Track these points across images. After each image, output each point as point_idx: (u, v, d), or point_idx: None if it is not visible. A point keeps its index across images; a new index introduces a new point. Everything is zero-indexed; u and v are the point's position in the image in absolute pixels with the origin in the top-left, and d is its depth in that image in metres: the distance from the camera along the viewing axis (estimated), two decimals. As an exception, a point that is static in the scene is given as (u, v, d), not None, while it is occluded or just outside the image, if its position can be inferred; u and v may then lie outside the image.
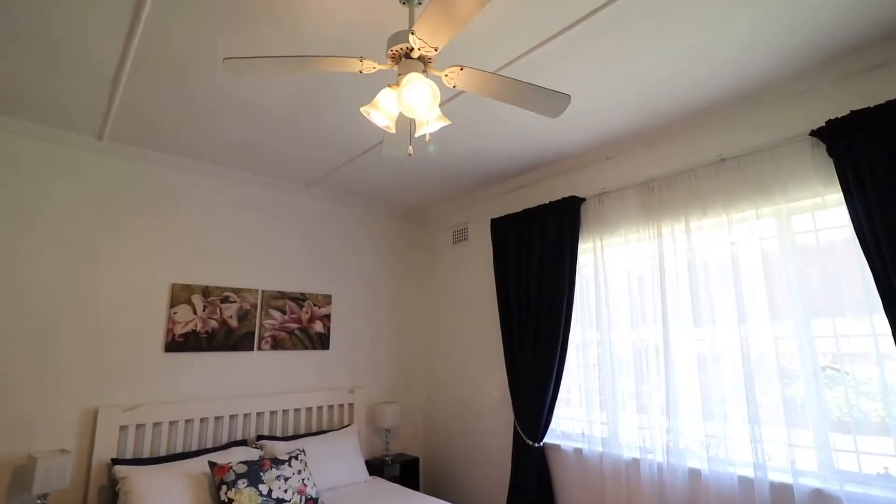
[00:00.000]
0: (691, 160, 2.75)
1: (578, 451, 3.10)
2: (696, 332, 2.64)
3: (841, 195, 2.21)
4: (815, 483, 2.18)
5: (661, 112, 2.66)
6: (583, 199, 3.26)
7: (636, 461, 2.79)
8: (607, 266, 3.12)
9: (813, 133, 2.26)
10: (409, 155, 1.63)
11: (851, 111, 2.12)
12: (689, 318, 2.67)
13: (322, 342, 3.81)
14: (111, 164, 3.03)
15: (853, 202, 2.11)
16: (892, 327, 1.98)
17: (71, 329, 2.79)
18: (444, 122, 1.61)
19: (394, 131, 1.62)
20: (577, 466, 3.10)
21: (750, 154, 2.54)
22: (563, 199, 3.26)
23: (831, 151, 2.20)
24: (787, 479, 2.26)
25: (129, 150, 3.04)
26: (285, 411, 3.48)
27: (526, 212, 3.50)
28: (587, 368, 3.15)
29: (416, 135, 1.62)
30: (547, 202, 3.38)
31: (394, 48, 1.52)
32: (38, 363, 2.67)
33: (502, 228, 3.67)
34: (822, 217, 2.33)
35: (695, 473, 2.55)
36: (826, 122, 2.20)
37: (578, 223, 3.24)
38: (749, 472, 2.36)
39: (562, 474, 3.19)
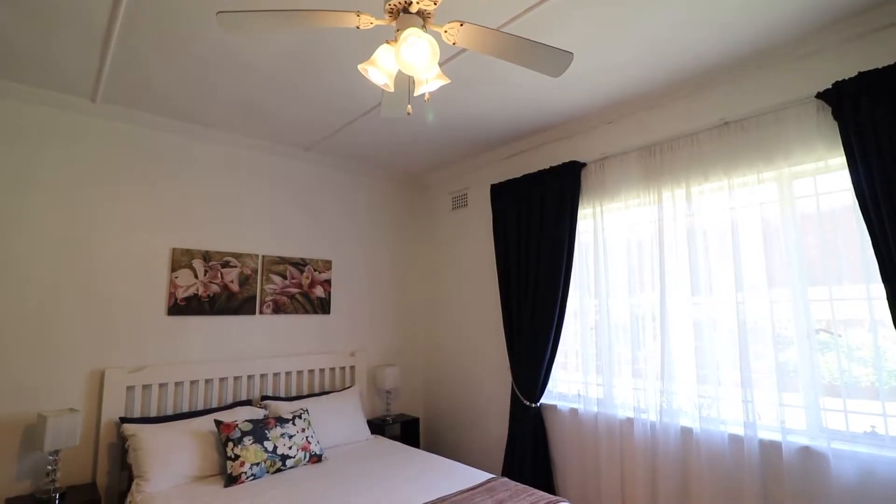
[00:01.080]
0: (694, 123, 2.71)
1: (574, 411, 3.18)
2: (692, 299, 2.66)
3: (844, 159, 2.19)
4: (803, 441, 2.25)
5: (663, 73, 2.60)
6: (583, 164, 3.23)
7: (630, 420, 2.87)
8: (607, 232, 3.12)
9: (819, 95, 2.22)
10: (408, 114, 1.61)
11: (859, 72, 2.08)
12: (687, 285, 2.69)
13: (323, 306, 3.85)
14: (106, 127, 2.99)
15: (856, 166, 2.09)
16: (887, 292, 2.00)
17: (73, 293, 2.81)
18: (444, 81, 1.58)
19: (392, 90, 1.59)
20: (572, 425, 3.18)
21: (754, 117, 2.50)
22: (564, 164, 3.23)
23: (837, 114, 2.16)
24: (776, 437, 2.32)
25: (124, 112, 2.99)
26: (288, 373, 3.55)
27: (526, 177, 3.47)
28: (585, 335, 3.19)
29: (416, 94, 1.59)
30: (547, 167, 3.36)
31: (392, 2, 1.47)
32: (43, 327, 2.70)
33: (502, 194, 3.65)
34: (823, 181, 2.32)
35: (687, 432, 2.63)
36: (833, 84, 2.16)
37: (579, 188, 3.22)
38: (739, 431, 2.43)
39: (558, 433, 3.28)
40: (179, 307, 3.14)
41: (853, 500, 2.06)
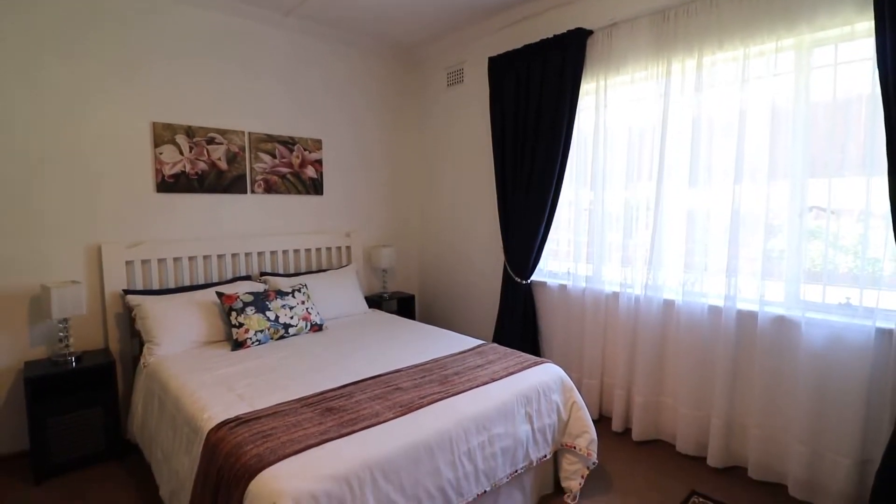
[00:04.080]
0: (716, -18, 2.46)
1: (563, 287, 3.30)
2: (690, 190, 2.62)
3: (871, 24, 2.03)
4: (779, 311, 2.37)
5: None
6: (590, 32, 2.98)
7: (616, 294, 2.99)
8: (609, 109, 2.99)
9: (860, -55, 1.99)
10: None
11: (911, -85, 1.84)
12: (685, 175, 2.64)
13: (316, 187, 3.79)
14: (60, -22, 2.66)
15: (884, 31, 1.94)
16: (889, 168, 1.96)
17: (60, 169, 2.71)
18: None
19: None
20: (560, 300, 3.33)
21: (782, -26, 2.27)
22: (569, 31, 2.99)
23: (875, -31, 1.96)
24: (753, 307, 2.45)
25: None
26: (285, 251, 3.60)
27: (527, 48, 3.23)
28: (578, 224, 3.19)
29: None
30: (550, 36, 3.10)
31: None
32: (33, 203, 2.64)
33: (500, 67, 3.43)
34: (845, 51, 2.17)
35: (669, 304, 2.76)
36: (879, -70, 1.92)
37: (583, 60, 3.01)
38: (720, 303, 2.55)
39: (546, 306, 3.45)
40: (168, 184, 3.07)
41: (816, 362, 2.21)
